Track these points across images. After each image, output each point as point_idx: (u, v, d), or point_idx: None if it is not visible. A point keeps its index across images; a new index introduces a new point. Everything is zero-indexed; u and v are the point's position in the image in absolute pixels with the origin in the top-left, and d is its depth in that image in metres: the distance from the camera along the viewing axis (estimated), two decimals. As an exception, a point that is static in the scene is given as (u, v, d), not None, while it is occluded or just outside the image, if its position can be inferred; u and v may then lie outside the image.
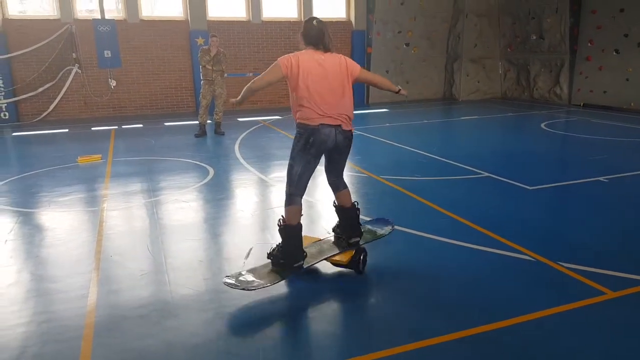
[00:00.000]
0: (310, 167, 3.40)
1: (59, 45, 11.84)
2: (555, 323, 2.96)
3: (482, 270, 3.68)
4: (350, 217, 3.71)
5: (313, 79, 3.26)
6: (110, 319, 3.08)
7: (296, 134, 3.38)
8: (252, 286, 3.21)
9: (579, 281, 3.45)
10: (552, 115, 11.80)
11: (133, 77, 12.71)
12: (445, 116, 12.80)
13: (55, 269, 3.84)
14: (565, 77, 13.46)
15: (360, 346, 2.78)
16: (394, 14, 14.36)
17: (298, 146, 3.34)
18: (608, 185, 5.79)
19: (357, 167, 6.86)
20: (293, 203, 3.41)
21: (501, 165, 6.92)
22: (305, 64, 3.27)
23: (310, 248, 3.69)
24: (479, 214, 4.83)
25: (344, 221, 3.73)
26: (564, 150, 8.57)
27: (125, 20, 12.42)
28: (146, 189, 5.98)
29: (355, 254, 3.64)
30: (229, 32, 13.17)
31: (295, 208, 3.41)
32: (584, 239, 4.26)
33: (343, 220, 3.73)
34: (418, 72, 15.34)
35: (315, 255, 3.61)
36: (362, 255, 3.65)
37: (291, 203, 3.41)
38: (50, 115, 12.17)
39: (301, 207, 3.45)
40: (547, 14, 13.52)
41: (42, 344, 2.84)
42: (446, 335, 2.84)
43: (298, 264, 3.40)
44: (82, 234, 4.59)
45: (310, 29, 3.37)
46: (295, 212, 3.41)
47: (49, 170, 6.98)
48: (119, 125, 11.15)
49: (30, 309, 3.25)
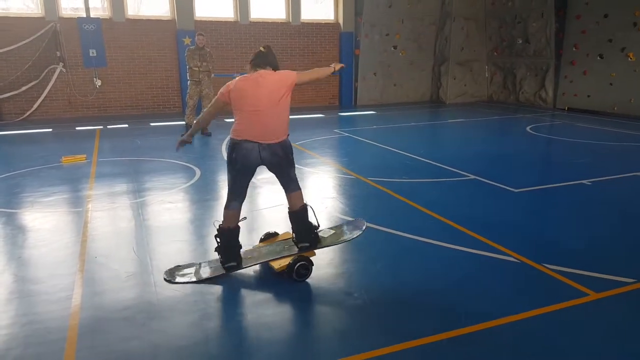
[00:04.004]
0: (239, 181, 3.52)
1: (43, 44, 11.67)
2: (539, 324, 2.99)
3: (467, 272, 3.71)
4: (299, 220, 3.64)
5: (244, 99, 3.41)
6: (95, 321, 3.04)
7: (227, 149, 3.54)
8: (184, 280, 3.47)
9: (562, 283, 3.50)
10: (537, 118, 11.94)
11: (119, 76, 12.58)
12: (432, 119, 12.88)
13: (38, 271, 3.78)
14: (550, 81, 13.64)
15: (346, 348, 2.78)
16: (381, 17, 14.43)
17: (227, 160, 3.53)
18: (592, 188, 5.87)
19: (344, 169, 6.86)
20: (229, 207, 3.58)
21: (487, 167, 6.98)
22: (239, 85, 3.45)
23: (264, 248, 3.81)
24: (465, 216, 4.87)
25: (293, 224, 3.68)
26: (549, 153, 8.68)
27: (110, 19, 12.29)
28: (132, 189, 5.92)
29: (294, 262, 3.51)
30: (216, 33, 13.11)
31: (230, 212, 3.58)
32: (568, 241, 4.31)
33: (293, 224, 3.69)
34: (405, 74, 15.42)
35: (260, 257, 3.70)
36: (298, 264, 3.50)
37: (227, 207, 3.59)
38: (34, 115, 11.99)
39: (237, 212, 3.59)
40: (533, 18, 13.69)
41: (24, 346, 2.79)
42: (431, 336, 2.86)
43: (229, 265, 3.57)
44: (66, 235, 4.53)
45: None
46: (229, 216, 3.58)
47: (33, 171, 6.87)
48: (104, 125, 11.02)
49: (13, 310, 3.19)
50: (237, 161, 3.42)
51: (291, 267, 3.50)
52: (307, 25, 14.16)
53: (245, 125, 3.40)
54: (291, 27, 13.98)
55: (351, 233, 3.84)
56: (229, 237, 3.59)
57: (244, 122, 3.40)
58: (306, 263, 3.55)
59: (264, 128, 3.40)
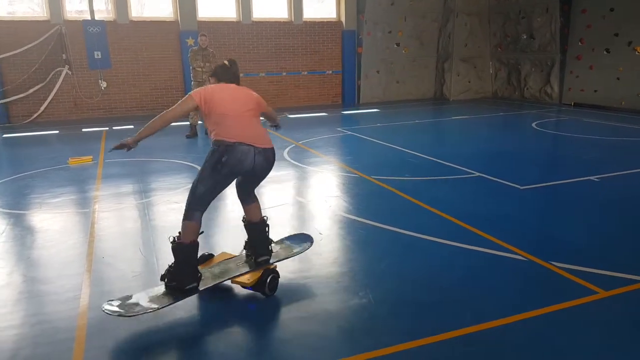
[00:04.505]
0: (218, 189, 3.22)
1: (49, 47, 11.74)
2: (547, 322, 2.98)
3: (473, 270, 3.70)
4: (258, 233, 3.50)
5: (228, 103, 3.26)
6: (103, 321, 3.07)
7: (208, 153, 3.22)
8: (134, 311, 2.91)
9: (570, 280, 3.48)
10: (543, 114, 11.89)
11: (123, 78, 12.64)
12: (436, 116, 12.86)
13: (47, 271, 3.83)
14: (555, 77, 13.57)
15: (352, 346, 2.79)
16: (384, 14, 14.40)
17: (209, 164, 3.16)
18: (600, 185, 5.84)
19: (347, 167, 6.87)
20: (192, 218, 3.15)
21: (492, 164, 6.97)
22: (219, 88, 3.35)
23: (214, 268, 3.43)
24: (470, 214, 4.86)
25: (252, 238, 3.51)
26: (555, 149, 8.64)
27: (115, 21, 12.35)
28: (137, 190, 5.96)
29: (262, 275, 3.32)
30: (219, 33, 13.13)
31: (193, 225, 3.15)
32: (576, 238, 4.30)
33: (251, 237, 3.51)
34: (408, 71, 15.39)
35: (218, 276, 3.32)
36: (270, 277, 3.34)
37: (190, 218, 3.15)
38: (41, 117, 12.07)
39: (200, 225, 3.18)
40: (537, 13, 13.62)
41: (34, 346, 2.83)
42: (437, 335, 2.86)
43: (190, 286, 3.11)
44: (74, 235, 4.57)
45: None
46: (192, 228, 3.15)
47: (40, 172, 6.93)
48: (109, 126, 11.09)
49: (22, 310, 3.23)
50: (227, 165, 3.13)
51: (263, 282, 3.29)
52: (310, 24, 14.17)
53: (237, 129, 3.19)
54: (293, 26, 13.99)
55: (299, 246, 3.76)
56: (190, 254, 3.16)
57: (235, 125, 3.19)
58: (276, 275, 3.41)
59: (256, 131, 3.28)
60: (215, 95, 3.25)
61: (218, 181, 3.18)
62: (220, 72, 3.47)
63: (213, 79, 3.47)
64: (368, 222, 4.69)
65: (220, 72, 3.47)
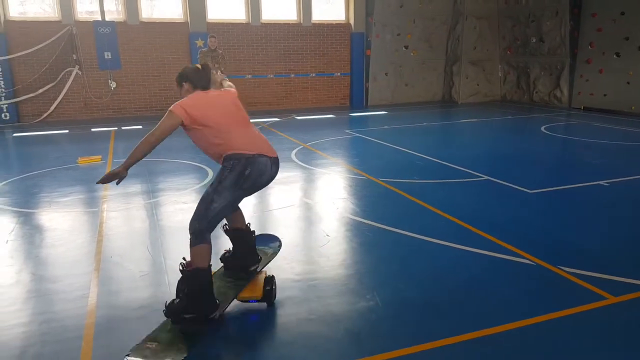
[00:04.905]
0: (236, 202, 3.02)
1: (60, 47, 11.85)
2: (556, 328, 2.96)
3: (481, 274, 3.68)
4: (246, 241, 3.30)
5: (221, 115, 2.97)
6: (110, 320, 3.09)
7: (225, 167, 2.91)
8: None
9: (579, 286, 3.45)
10: (552, 118, 11.82)
11: (133, 78, 12.72)
12: (444, 119, 12.82)
13: (55, 270, 3.85)
14: (565, 80, 13.48)
15: (359, 349, 2.79)
16: (393, 17, 14.40)
17: (229, 179, 2.87)
18: (609, 189, 5.79)
19: (355, 169, 6.87)
20: (204, 241, 2.87)
21: (501, 168, 6.93)
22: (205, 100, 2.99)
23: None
24: (478, 217, 4.83)
25: (241, 247, 3.27)
26: (565, 153, 8.59)
27: (125, 22, 12.43)
28: (145, 190, 5.99)
29: (266, 284, 3.19)
30: (228, 34, 13.19)
31: (206, 247, 2.88)
32: (585, 243, 4.26)
33: (240, 246, 3.27)
34: (417, 74, 15.37)
35: (226, 297, 3.07)
36: (274, 284, 3.25)
37: (202, 241, 2.86)
38: (51, 116, 12.17)
39: (211, 245, 2.93)
40: (547, 16, 13.56)
41: (42, 344, 2.85)
42: (444, 339, 2.84)
43: (213, 315, 2.85)
44: (82, 234, 4.60)
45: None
46: (206, 251, 2.88)
47: (50, 171, 6.99)
48: (118, 126, 11.16)
49: (31, 309, 3.26)
50: (250, 179, 2.90)
51: (269, 291, 3.18)
52: (318, 26, 14.19)
53: (247, 138, 2.98)
54: (302, 28, 14.02)
55: (271, 247, 3.65)
56: (208, 278, 2.89)
57: (243, 135, 2.98)
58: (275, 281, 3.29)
59: (262, 139, 3.08)
60: (201, 107, 2.90)
61: (237, 197, 2.98)
62: (194, 77, 3.04)
63: (187, 84, 3.03)
64: (375, 225, 4.69)
65: (195, 76, 3.04)
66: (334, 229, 4.66)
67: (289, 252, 4.08)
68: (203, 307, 2.82)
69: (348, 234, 4.60)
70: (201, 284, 2.84)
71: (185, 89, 3.04)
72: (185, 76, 3.04)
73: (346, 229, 4.72)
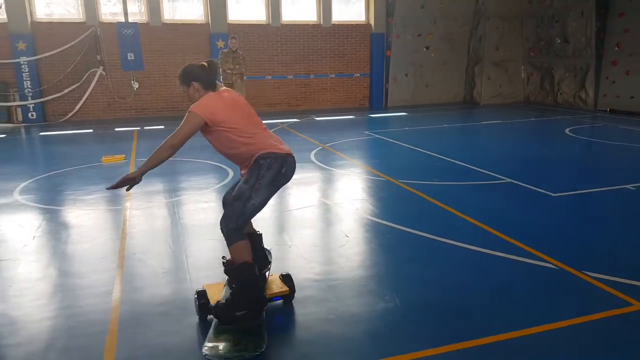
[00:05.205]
0: (268, 201, 3.02)
1: (84, 48, 12.10)
2: (579, 333, 2.92)
3: (502, 278, 3.64)
4: (259, 243, 3.29)
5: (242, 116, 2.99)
6: (134, 315, 3.15)
7: (262, 165, 2.91)
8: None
9: (604, 291, 3.38)
10: (576, 120, 11.62)
11: (155, 79, 12.91)
12: (465, 120, 12.71)
13: (80, 265, 3.94)
14: (590, 82, 13.24)
15: (378, 350, 2.78)
16: (414, 17, 14.33)
17: (267, 177, 2.91)
18: (635, 194, 5.66)
19: (374, 170, 6.85)
20: (242, 237, 2.92)
21: (523, 171, 6.84)
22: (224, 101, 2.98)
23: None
24: (500, 220, 4.78)
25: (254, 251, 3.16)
26: (589, 156, 8.44)
27: (147, 23, 12.63)
28: (167, 189, 6.07)
29: (286, 280, 3.27)
30: (248, 35, 13.29)
31: (246, 242, 2.95)
32: (610, 247, 4.18)
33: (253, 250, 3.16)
34: (438, 75, 15.26)
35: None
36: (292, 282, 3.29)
37: (240, 238, 2.91)
38: (76, 116, 12.43)
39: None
40: (572, 17, 13.34)
41: (69, 337, 2.92)
42: (466, 341, 2.82)
43: (264, 309, 2.96)
44: (106, 232, 4.70)
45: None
46: (247, 247, 2.95)
47: (75, 169, 7.14)
48: (141, 126, 11.34)
49: (58, 303, 3.34)
50: (285, 177, 3.00)
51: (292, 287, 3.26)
52: (338, 27, 14.20)
53: (273, 138, 3.04)
54: (322, 29, 14.04)
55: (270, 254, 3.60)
56: (254, 273, 2.95)
57: (268, 135, 3.04)
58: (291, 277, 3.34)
59: (279, 139, 3.14)
60: (222, 108, 2.90)
61: (270, 194, 3.00)
62: (204, 76, 2.99)
63: (197, 84, 2.98)
64: (394, 226, 4.67)
65: (204, 75, 2.99)
66: (353, 230, 4.66)
67: (309, 252, 4.10)
68: (254, 301, 2.88)
69: (367, 235, 4.59)
70: (250, 277, 2.90)
71: (195, 89, 2.99)
72: (195, 76, 2.98)
73: (365, 230, 4.72)
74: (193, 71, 2.99)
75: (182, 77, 3.03)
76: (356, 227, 4.79)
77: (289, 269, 3.52)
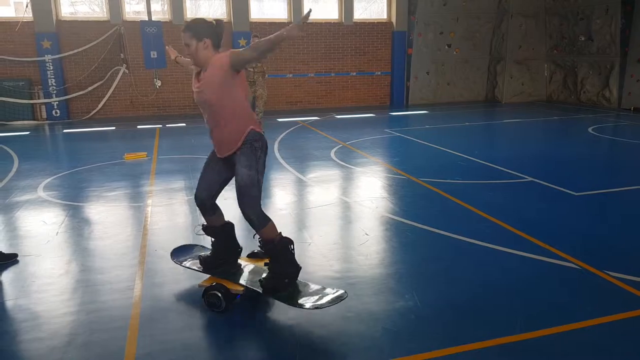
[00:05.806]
0: None
1: (108, 46, 12.29)
2: (601, 333, 2.87)
3: (524, 277, 3.59)
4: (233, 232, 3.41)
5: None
6: (154, 311, 3.18)
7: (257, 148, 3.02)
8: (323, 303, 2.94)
9: (627, 291, 3.32)
10: (600, 119, 11.37)
11: (177, 77, 13.05)
12: (487, 119, 12.53)
13: (102, 261, 4.00)
14: (615, 80, 12.94)
15: (397, 348, 2.76)
16: (436, 15, 14.19)
17: (263, 158, 3.06)
18: (660, 193, 5.53)
19: (395, 169, 6.81)
20: (267, 218, 3.06)
21: (546, 170, 6.72)
22: None
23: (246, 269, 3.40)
24: (522, 220, 4.71)
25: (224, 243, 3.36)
26: (613, 155, 8.24)
27: (170, 21, 12.76)
28: (189, 186, 6.13)
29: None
30: (270, 33, 13.27)
31: (272, 222, 3.08)
32: (633, 247, 4.09)
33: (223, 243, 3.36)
34: (460, 73, 15.09)
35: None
36: None
37: (268, 218, 3.05)
38: (99, 114, 12.64)
39: None
40: (596, 14, 13.04)
41: (90, 332, 2.96)
42: (486, 341, 2.79)
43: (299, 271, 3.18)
44: (128, 228, 4.76)
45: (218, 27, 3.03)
46: (274, 225, 3.09)
47: (97, 166, 7.26)
48: (163, 124, 11.47)
49: (79, 298, 3.39)
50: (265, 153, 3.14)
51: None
52: (360, 25, 14.14)
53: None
54: (344, 27, 14.00)
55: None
56: (290, 243, 3.15)
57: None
58: None
59: None
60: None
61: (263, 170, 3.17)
62: (215, 35, 2.97)
63: (209, 41, 2.92)
64: (415, 225, 4.64)
65: (215, 35, 2.98)
66: (372, 228, 4.64)
67: (328, 250, 4.09)
68: (293, 267, 3.12)
69: (387, 233, 4.57)
70: (289, 247, 3.11)
71: (206, 45, 2.92)
72: (209, 33, 2.91)
73: (385, 228, 4.69)
74: (207, 27, 2.93)
75: (194, 30, 2.91)
76: (376, 225, 4.77)
77: (308, 267, 3.52)
